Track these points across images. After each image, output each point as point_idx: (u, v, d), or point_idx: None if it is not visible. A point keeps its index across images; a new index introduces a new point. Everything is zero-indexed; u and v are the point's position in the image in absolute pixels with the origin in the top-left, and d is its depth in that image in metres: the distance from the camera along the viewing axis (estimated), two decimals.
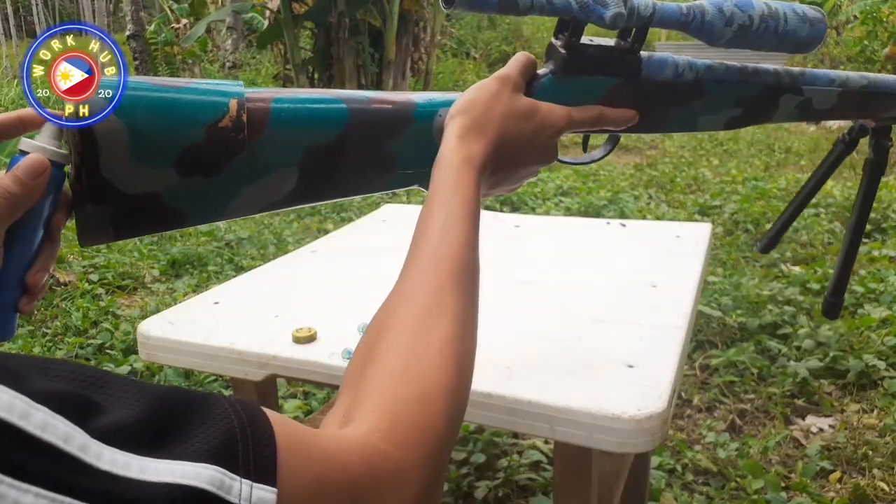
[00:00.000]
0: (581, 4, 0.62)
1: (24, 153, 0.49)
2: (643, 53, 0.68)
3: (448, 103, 0.63)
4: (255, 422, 0.35)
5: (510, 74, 0.63)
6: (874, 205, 0.96)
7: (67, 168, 0.52)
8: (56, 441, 0.28)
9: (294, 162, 0.59)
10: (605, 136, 0.75)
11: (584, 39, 0.66)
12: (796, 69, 0.76)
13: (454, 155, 0.57)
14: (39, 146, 0.50)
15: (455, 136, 0.59)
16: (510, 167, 0.63)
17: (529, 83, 0.65)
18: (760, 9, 0.67)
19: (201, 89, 0.56)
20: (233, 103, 0.55)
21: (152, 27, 8.86)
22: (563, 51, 0.65)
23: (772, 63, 0.77)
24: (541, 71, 0.66)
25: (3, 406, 0.27)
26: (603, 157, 0.75)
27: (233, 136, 0.55)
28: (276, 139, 0.58)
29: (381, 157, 0.63)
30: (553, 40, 0.67)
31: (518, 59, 0.65)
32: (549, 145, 0.64)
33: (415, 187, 0.66)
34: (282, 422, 0.37)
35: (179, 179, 0.54)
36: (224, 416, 0.34)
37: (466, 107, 0.61)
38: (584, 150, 0.78)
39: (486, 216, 1.18)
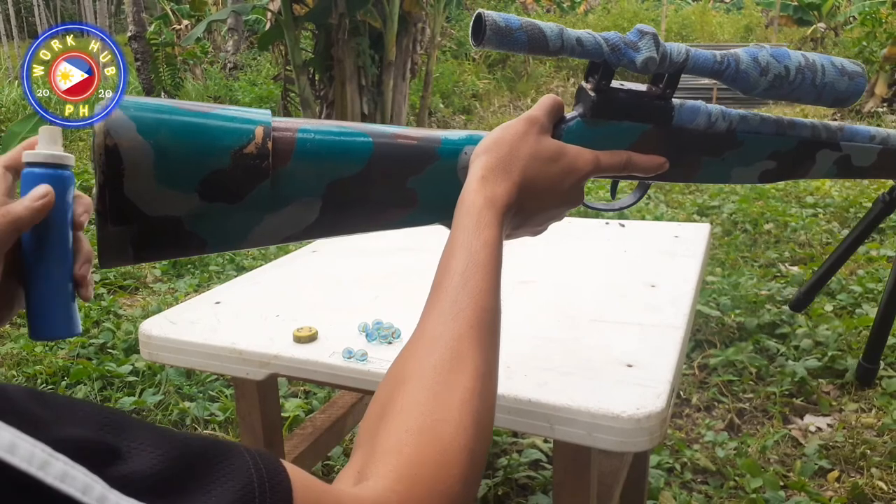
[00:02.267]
0: (612, 47, 0.60)
1: (29, 164, 0.51)
2: (675, 100, 0.66)
3: (474, 141, 0.62)
4: (273, 477, 0.35)
5: (537, 116, 0.62)
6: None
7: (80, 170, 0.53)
8: (74, 493, 0.28)
9: (318, 193, 0.58)
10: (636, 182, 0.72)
11: (615, 84, 0.64)
12: (835, 123, 0.73)
13: (477, 196, 0.56)
14: (42, 154, 0.51)
15: (479, 176, 0.57)
16: (534, 210, 0.61)
17: (557, 125, 0.64)
18: (797, 60, 0.64)
19: (228, 115, 0.55)
20: (259, 130, 0.55)
21: (152, 28, 8.87)
22: (592, 94, 0.63)
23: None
24: (569, 114, 0.65)
25: (23, 456, 0.27)
26: (632, 204, 0.72)
27: (257, 163, 0.54)
28: (300, 169, 0.57)
29: (404, 193, 0.62)
30: (583, 83, 0.65)
31: (545, 101, 0.63)
32: (575, 189, 0.62)
33: (436, 225, 0.65)
34: (300, 477, 0.37)
35: (202, 204, 0.54)
36: (244, 470, 0.34)
37: (491, 146, 0.59)
38: (613, 195, 0.76)
39: None
